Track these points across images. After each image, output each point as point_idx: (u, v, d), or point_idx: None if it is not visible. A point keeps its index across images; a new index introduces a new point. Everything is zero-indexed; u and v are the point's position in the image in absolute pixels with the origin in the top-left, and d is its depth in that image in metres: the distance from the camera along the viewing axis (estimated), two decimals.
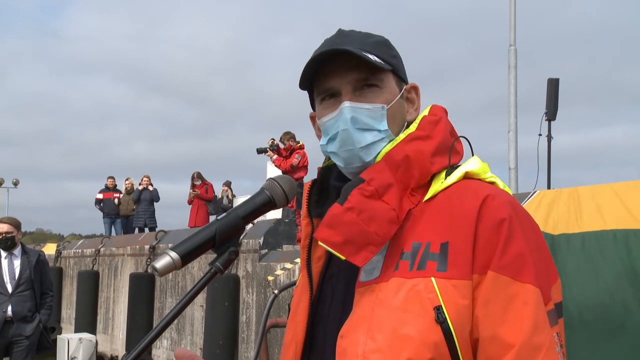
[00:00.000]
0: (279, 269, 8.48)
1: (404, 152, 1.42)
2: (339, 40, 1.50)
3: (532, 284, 1.26)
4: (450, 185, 1.41)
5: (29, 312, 7.66)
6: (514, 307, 1.25)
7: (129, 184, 18.96)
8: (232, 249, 1.37)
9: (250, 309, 9.27)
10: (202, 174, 17.32)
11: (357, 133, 1.45)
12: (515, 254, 1.28)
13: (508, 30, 12.06)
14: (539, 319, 1.24)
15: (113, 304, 14.32)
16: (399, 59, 1.55)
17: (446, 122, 1.52)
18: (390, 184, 1.40)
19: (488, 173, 1.47)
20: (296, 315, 1.52)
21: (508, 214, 1.31)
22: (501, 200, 1.34)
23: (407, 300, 1.29)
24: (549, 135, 9.86)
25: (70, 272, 17.12)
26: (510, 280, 1.26)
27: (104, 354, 13.73)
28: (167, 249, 1.31)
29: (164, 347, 11.77)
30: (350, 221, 1.37)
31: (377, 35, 1.55)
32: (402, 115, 1.53)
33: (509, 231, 1.29)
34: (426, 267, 1.30)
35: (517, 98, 11.78)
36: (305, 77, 1.50)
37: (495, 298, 1.26)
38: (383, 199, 1.38)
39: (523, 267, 1.27)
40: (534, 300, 1.25)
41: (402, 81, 1.55)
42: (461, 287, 1.27)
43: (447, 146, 1.47)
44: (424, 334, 1.26)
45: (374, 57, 1.44)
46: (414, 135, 1.45)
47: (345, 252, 1.37)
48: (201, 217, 16.88)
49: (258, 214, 1.43)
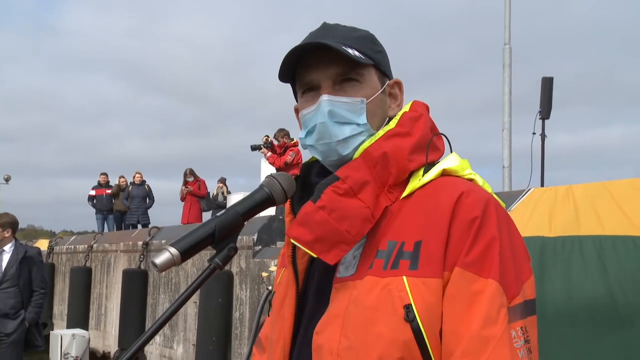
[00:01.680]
0: (273, 266, 8.48)
1: (382, 149, 1.42)
2: (321, 34, 1.50)
3: (493, 279, 1.26)
4: (427, 183, 1.41)
5: (12, 309, 7.54)
6: (475, 302, 1.25)
7: (123, 182, 18.91)
8: (231, 246, 1.37)
9: (243, 305, 9.26)
10: (194, 171, 17.29)
11: (335, 126, 1.46)
12: (482, 250, 1.28)
13: (503, 29, 12.09)
14: (492, 312, 1.24)
15: (106, 300, 14.29)
16: (384, 54, 1.56)
17: (427, 118, 1.52)
18: (366, 181, 1.40)
19: (467, 170, 1.47)
20: (282, 311, 1.53)
21: (481, 211, 1.31)
22: (475, 197, 1.34)
23: (379, 299, 1.30)
24: (543, 134, 9.89)
25: (62, 268, 17.07)
26: (474, 277, 1.27)
27: (96, 350, 13.69)
28: (167, 245, 1.31)
29: (157, 343, 11.74)
30: (322, 220, 1.38)
31: (363, 30, 1.55)
32: (382, 110, 1.53)
33: (479, 228, 1.30)
34: (399, 266, 1.31)
35: (511, 97, 11.81)
36: (284, 69, 1.50)
37: (459, 294, 1.27)
38: (358, 197, 1.38)
39: (488, 263, 1.27)
40: (489, 294, 1.25)
41: (385, 76, 1.55)
42: (431, 285, 1.28)
43: (426, 143, 1.48)
44: (394, 332, 1.27)
45: (354, 51, 1.44)
46: (394, 132, 1.46)
47: (316, 250, 1.38)
48: (194, 213, 16.86)
49: (257, 211, 1.44)
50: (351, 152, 1.46)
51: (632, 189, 4.34)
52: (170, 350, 11.39)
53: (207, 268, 1.34)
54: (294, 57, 1.47)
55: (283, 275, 1.58)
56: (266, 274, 8.52)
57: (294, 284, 1.51)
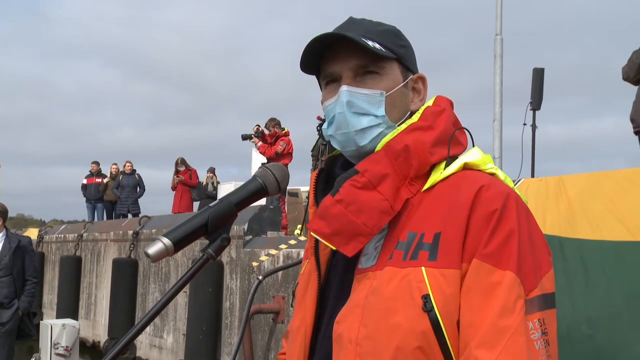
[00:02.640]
0: (263, 255, 8.48)
1: (403, 142, 1.44)
2: (346, 27, 1.53)
3: (510, 270, 1.27)
4: (449, 176, 1.42)
5: (6, 298, 7.57)
6: (492, 293, 1.26)
7: (115, 169, 18.84)
8: (224, 236, 1.38)
9: (234, 295, 9.27)
10: (185, 160, 17.25)
11: (353, 117, 1.48)
12: (500, 242, 1.29)
13: (494, 19, 12.07)
14: (508, 303, 1.25)
15: (95, 290, 14.27)
16: (408, 49, 1.57)
17: (449, 113, 1.53)
18: (386, 174, 1.42)
19: (488, 164, 1.48)
20: (304, 302, 1.54)
21: (501, 204, 1.32)
22: (496, 190, 1.35)
23: (398, 290, 1.31)
24: (534, 125, 9.91)
25: (52, 257, 17.03)
26: (492, 269, 1.28)
27: (86, 340, 13.68)
28: (160, 235, 1.31)
29: (147, 332, 11.74)
30: (339, 213, 1.40)
31: (388, 25, 1.57)
32: (404, 104, 1.54)
33: (498, 220, 1.30)
34: (418, 257, 1.33)
35: (502, 87, 11.80)
36: (305, 60, 1.53)
37: (477, 286, 1.28)
38: (377, 190, 1.40)
39: (506, 254, 1.28)
40: (507, 285, 1.26)
41: (409, 71, 1.56)
42: (449, 276, 1.29)
43: (448, 137, 1.49)
44: (412, 322, 1.28)
45: (375, 44, 1.46)
46: (416, 126, 1.47)
47: (335, 243, 1.40)
48: (185, 203, 16.83)
49: (250, 201, 1.44)
50: (368, 143, 1.48)
51: (625, 182, 4.32)
52: (161, 340, 11.39)
53: (200, 258, 1.34)
54: (315, 49, 1.50)
55: (306, 267, 1.60)
56: (256, 263, 8.52)
57: (316, 275, 1.52)
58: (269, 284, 8.10)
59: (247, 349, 7.20)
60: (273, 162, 1.53)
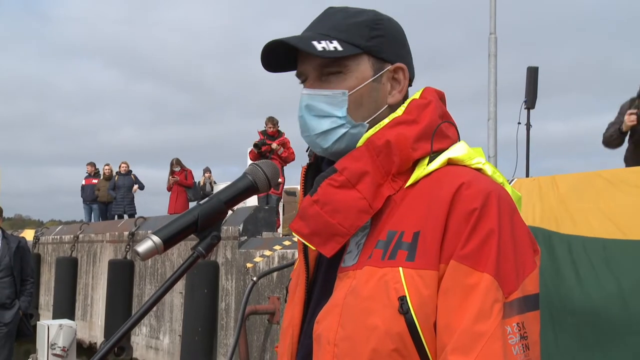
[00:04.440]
0: (258, 256, 8.48)
1: (385, 137, 1.39)
2: (314, 23, 1.50)
3: (488, 273, 1.23)
4: (432, 172, 1.38)
5: (8, 299, 7.63)
6: (469, 296, 1.23)
7: (108, 170, 18.83)
8: (215, 234, 1.37)
9: (229, 296, 9.26)
10: (181, 161, 17.23)
11: (313, 120, 1.45)
12: (479, 243, 1.25)
13: (488, 18, 12.09)
14: (485, 307, 1.21)
15: (92, 291, 14.25)
16: (384, 39, 1.48)
17: (436, 106, 1.47)
18: (366, 171, 1.38)
19: (475, 159, 1.42)
20: (294, 299, 1.53)
21: (480, 203, 1.28)
22: (476, 188, 1.30)
23: (375, 290, 1.29)
24: (528, 124, 9.91)
25: (48, 258, 17.00)
26: (469, 270, 1.24)
27: (82, 341, 13.66)
28: (149, 234, 1.31)
29: (143, 334, 11.74)
30: (315, 214, 1.38)
31: (366, 13, 1.49)
32: (374, 100, 1.47)
33: (477, 220, 1.27)
34: (396, 257, 1.30)
35: (497, 86, 11.83)
36: (265, 64, 1.50)
37: (454, 287, 1.24)
38: (356, 188, 1.37)
39: (484, 256, 1.24)
40: (483, 288, 1.22)
41: (384, 62, 1.48)
42: (427, 277, 1.26)
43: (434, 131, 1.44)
44: (389, 324, 1.26)
45: (331, 44, 1.41)
46: (399, 120, 1.43)
47: (314, 243, 1.39)
48: (180, 203, 16.82)
49: (240, 198, 1.43)
50: (332, 144, 1.44)
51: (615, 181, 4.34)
52: (157, 341, 11.38)
53: (190, 256, 1.34)
54: (275, 51, 1.46)
55: (297, 264, 1.59)
56: (251, 264, 8.52)
57: (304, 272, 1.51)
58: (264, 285, 8.10)
59: (242, 350, 7.21)
60: (264, 160, 1.52)
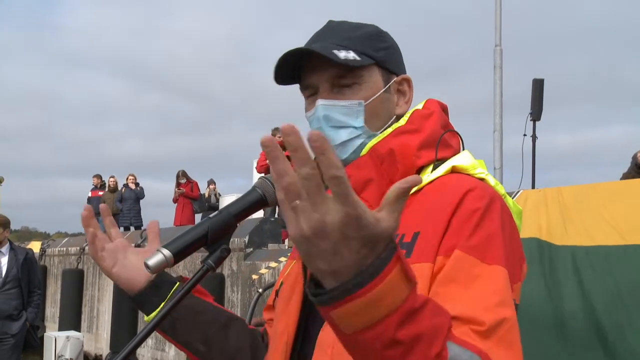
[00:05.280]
0: (264, 268, 8.48)
1: (388, 146, 1.41)
2: (322, 34, 1.50)
3: (500, 265, 1.21)
4: (436, 179, 1.39)
5: (15, 310, 7.66)
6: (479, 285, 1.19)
7: (113, 182, 18.87)
8: (224, 247, 1.37)
9: (235, 307, 9.26)
10: (187, 173, 17.27)
11: (331, 131, 1.45)
12: (485, 236, 1.24)
13: (494, 30, 12.11)
14: (506, 296, 1.19)
15: (98, 303, 14.25)
16: (391, 50, 1.52)
17: (438, 116, 1.49)
18: (370, 179, 1.39)
19: (478, 169, 1.43)
20: (289, 305, 1.51)
21: (485, 204, 1.28)
22: (482, 192, 1.31)
23: None
24: (534, 135, 9.93)
25: (54, 270, 17.01)
26: (476, 262, 1.21)
27: (89, 353, 13.65)
28: (160, 247, 1.32)
29: (149, 346, 11.73)
30: None
31: (369, 26, 1.51)
32: (386, 110, 1.50)
33: (481, 217, 1.26)
34: None
35: (502, 98, 11.83)
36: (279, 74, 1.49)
37: (459, 275, 1.21)
38: (362, 196, 1.36)
39: (491, 251, 1.23)
40: (503, 279, 1.20)
41: (392, 73, 1.51)
42: (421, 269, 1.23)
43: (436, 140, 1.45)
44: None
45: (348, 53, 1.42)
46: (402, 129, 1.44)
47: None
48: (186, 215, 16.84)
49: (250, 212, 1.42)
50: (351, 154, 1.45)
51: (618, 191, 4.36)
52: (162, 353, 11.37)
53: (199, 269, 1.34)
54: (287, 62, 1.46)
55: (293, 267, 1.57)
56: (256, 276, 8.52)
57: (302, 278, 1.49)
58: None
59: None
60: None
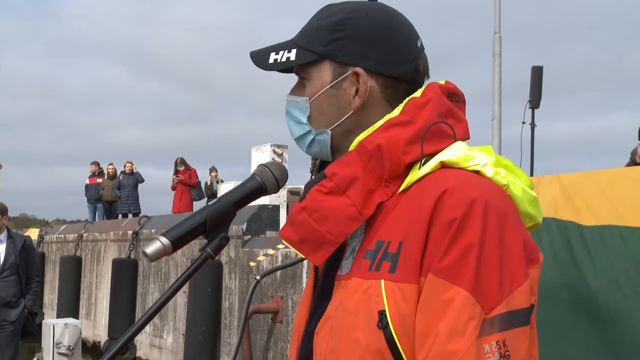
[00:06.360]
0: (262, 255, 8.48)
1: (376, 141, 1.32)
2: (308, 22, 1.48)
3: (464, 288, 1.14)
4: (423, 176, 1.30)
5: (14, 297, 7.68)
6: (444, 313, 1.15)
7: (112, 169, 18.87)
8: (223, 235, 1.36)
9: (233, 295, 9.27)
10: (185, 160, 17.26)
11: (292, 125, 1.47)
12: (457, 256, 1.16)
13: (493, 17, 12.08)
14: (459, 324, 1.13)
15: (96, 290, 14.28)
16: (345, 41, 1.40)
17: (435, 104, 1.37)
18: (355, 177, 1.31)
19: (471, 161, 1.32)
20: (302, 301, 1.51)
21: (461, 213, 1.19)
22: (459, 196, 1.21)
23: (360, 303, 1.23)
24: (533, 123, 9.93)
25: (52, 257, 17.03)
26: (446, 284, 1.16)
27: (87, 340, 13.68)
28: (158, 235, 1.31)
29: (147, 333, 11.76)
30: (303, 221, 1.32)
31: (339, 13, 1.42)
32: (333, 106, 1.42)
33: (457, 231, 1.18)
34: (381, 268, 1.24)
35: (501, 86, 11.81)
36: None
37: (430, 303, 1.17)
38: (347, 194, 1.31)
39: (463, 269, 1.16)
40: (458, 304, 1.14)
41: (345, 66, 1.40)
42: (407, 291, 1.19)
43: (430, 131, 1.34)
44: (370, 339, 1.20)
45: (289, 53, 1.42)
46: (395, 121, 1.34)
47: (304, 251, 1.34)
48: (185, 203, 16.85)
49: (249, 200, 1.41)
50: (307, 149, 1.46)
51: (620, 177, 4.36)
52: (160, 340, 11.39)
53: (198, 258, 1.33)
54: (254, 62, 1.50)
55: None
56: (254, 263, 8.52)
57: (312, 279, 1.49)
58: (268, 284, 8.11)
59: (245, 348, 7.20)
60: (273, 161, 1.51)
